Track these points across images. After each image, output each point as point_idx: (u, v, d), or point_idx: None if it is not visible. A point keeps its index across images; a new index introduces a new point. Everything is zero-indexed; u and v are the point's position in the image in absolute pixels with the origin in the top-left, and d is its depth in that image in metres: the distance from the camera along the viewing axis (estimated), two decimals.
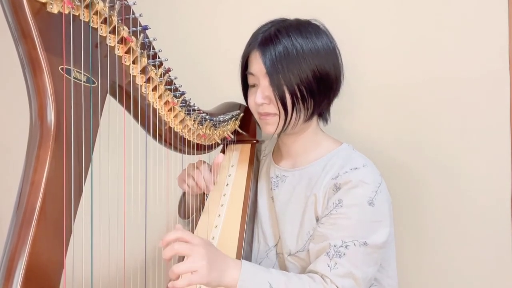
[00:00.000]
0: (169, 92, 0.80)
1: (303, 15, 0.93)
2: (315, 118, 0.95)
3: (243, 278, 0.75)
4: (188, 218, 1.09)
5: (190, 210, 1.07)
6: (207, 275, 0.70)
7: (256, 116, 0.95)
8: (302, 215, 0.91)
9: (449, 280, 1.17)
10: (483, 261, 1.14)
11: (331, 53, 0.89)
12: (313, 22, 0.91)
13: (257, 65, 0.88)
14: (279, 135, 0.94)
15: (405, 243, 1.18)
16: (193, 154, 0.96)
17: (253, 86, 0.92)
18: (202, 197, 1.06)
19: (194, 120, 0.90)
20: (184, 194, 1.12)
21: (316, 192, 0.89)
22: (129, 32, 0.66)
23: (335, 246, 0.81)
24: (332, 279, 0.79)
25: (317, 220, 0.89)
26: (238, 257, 0.89)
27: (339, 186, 0.86)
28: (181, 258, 0.82)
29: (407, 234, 1.19)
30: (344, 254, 0.81)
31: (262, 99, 0.88)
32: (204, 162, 0.99)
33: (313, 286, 0.78)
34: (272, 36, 0.86)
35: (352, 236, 0.82)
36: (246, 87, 0.96)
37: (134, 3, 0.64)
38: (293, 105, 0.86)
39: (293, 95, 0.85)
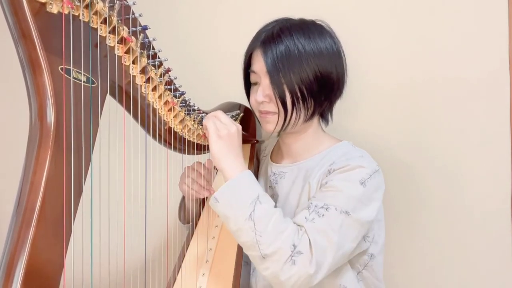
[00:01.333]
0: (168, 92, 0.80)
1: (303, 15, 0.93)
2: (316, 118, 0.95)
3: (238, 178, 0.80)
4: (188, 223, 1.09)
5: (190, 214, 1.06)
6: (214, 143, 0.82)
7: (257, 114, 0.95)
8: (297, 205, 0.91)
9: (449, 280, 1.17)
10: (483, 262, 1.14)
11: (334, 54, 0.89)
12: (318, 22, 0.91)
13: (259, 63, 0.88)
14: (279, 134, 0.94)
15: (404, 244, 1.18)
16: (193, 154, 0.96)
17: (255, 84, 0.92)
18: (202, 201, 1.06)
19: (194, 120, 0.90)
20: (183, 198, 1.12)
21: (311, 181, 0.89)
22: (129, 32, 0.66)
23: (316, 206, 0.80)
24: (306, 229, 0.77)
25: None
26: (239, 255, 0.89)
27: (332, 171, 0.86)
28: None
29: (406, 234, 1.19)
30: (323, 215, 0.78)
31: (263, 97, 0.88)
32: (201, 163, 0.99)
33: (290, 227, 0.77)
34: (274, 35, 0.86)
35: (335, 204, 0.79)
36: (248, 84, 0.97)
37: (134, 3, 0.64)
38: (293, 104, 0.86)
39: (293, 94, 0.85)
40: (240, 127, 0.86)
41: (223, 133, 0.82)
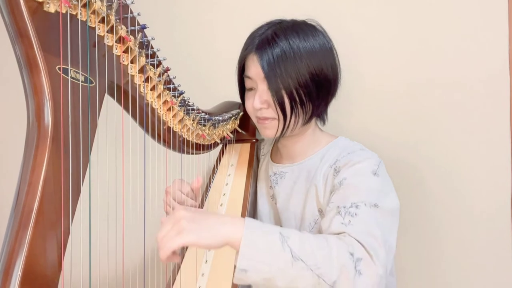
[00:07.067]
0: (167, 91, 0.80)
1: (301, 16, 0.92)
2: (313, 120, 0.95)
3: (248, 230, 0.64)
4: None
5: None
6: (194, 230, 0.64)
7: (254, 120, 0.94)
8: (303, 208, 0.90)
9: (448, 281, 1.17)
10: (483, 263, 1.14)
11: (328, 53, 0.88)
12: (309, 22, 0.91)
13: (255, 69, 0.86)
14: (278, 139, 0.93)
15: (404, 244, 1.18)
16: (192, 153, 0.96)
17: (251, 89, 0.91)
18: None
19: (193, 120, 0.89)
20: None
21: (316, 182, 0.89)
22: (127, 31, 0.66)
23: (344, 207, 0.75)
24: (350, 234, 0.69)
25: (320, 212, 0.87)
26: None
27: (339, 169, 0.85)
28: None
29: (405, 235, 1.18)
30: (356, 214, 0.73)
31: (261, 103, 0.87)
32: (181, 180, 0.93)
33: (332, 240, 0.67)
34: (269, 39, 0.85)
35: (361, 200, 0.75)
36: (243, 90, 0.95)
37: (132, 2, 0.64)
38: (292, 109, 0.85)
39: (291, 99, 0.84)
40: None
41: (178, 215, 0.65)
